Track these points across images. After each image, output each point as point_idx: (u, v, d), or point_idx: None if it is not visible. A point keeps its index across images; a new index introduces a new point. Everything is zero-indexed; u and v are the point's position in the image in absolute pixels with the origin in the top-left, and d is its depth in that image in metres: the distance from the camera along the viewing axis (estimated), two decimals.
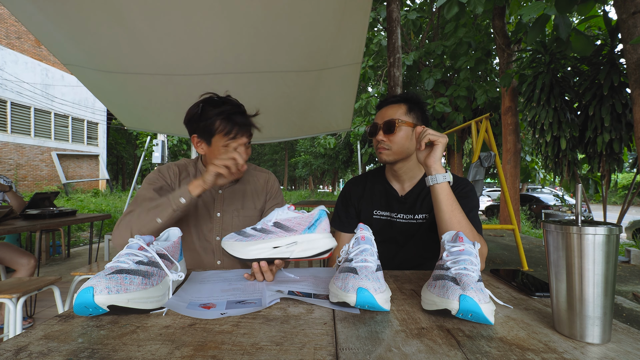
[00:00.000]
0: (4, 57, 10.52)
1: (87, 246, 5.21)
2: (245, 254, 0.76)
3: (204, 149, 1.09)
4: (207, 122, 1.03)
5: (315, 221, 0.77)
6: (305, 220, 0.77)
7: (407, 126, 1.05)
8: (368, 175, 1.23)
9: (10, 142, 10.75)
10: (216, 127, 1.03)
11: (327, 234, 0.77)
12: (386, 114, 1.08)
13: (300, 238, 0.75)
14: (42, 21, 2.09)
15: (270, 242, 0.75)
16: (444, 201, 0.90)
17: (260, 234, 0.78)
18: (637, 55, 3.30)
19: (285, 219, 0.78)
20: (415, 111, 1.07)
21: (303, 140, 21.23)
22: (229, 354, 0.45)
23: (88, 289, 0.54)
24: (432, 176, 0.91)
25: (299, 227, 0.77)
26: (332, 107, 3.44)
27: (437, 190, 0.90)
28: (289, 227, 0.77)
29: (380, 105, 1.13)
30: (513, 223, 3.79)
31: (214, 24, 2.13)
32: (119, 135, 21.10)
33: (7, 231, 1.98)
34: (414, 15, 8.13)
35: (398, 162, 1.10)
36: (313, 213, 0.78)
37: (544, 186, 11.49)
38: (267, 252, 0.75)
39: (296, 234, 0.76)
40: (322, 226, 0.77)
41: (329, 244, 0.76)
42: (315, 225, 0.76)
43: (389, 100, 1.10)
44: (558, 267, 0.52)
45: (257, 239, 0.77)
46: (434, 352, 0.46)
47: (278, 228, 0.77)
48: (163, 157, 7.98)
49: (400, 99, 1.09)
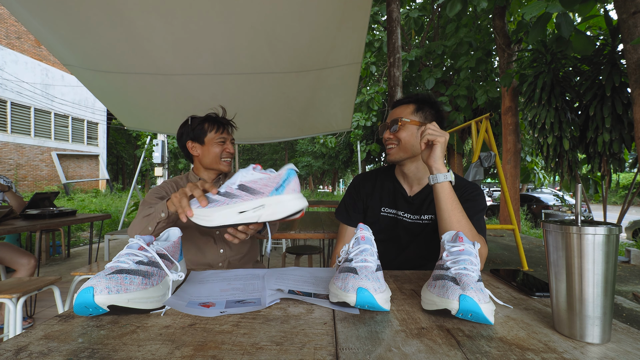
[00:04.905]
0: (4, 57, 10.52)
1: (87, 246, 5.21)
2: (210, 221, 0.70)
3: (199, 150, 1.32)
4: (198, 126, 1.31)
5: (283, 181, 0.71)
6: (273, 181, 0.71)
7: (412, 124, 1.06)
8: (378, 172, 1.24)
9: (10, 142, 10.75)
10: (206, 127, 1.31)
11: (297, 194, 0.72)
12: (394, 113, 1.12)
13: (268, 200, 0.69)
14: (41, 21, 2.09)
15: (236, 207, 0.70)
16: (444, 200, 0.91)
17: (224, 198, 0.72)
18: (637, 55, 3.30)
19: (250, 180, 0.72)
20: (424, 110, 1.08)
21: (303, 140, 21.22)
22: (229, 354, 0.45)
23: (88, 289, 0.54)
24: (432, 175, 0.92)
25: (265, 189, 0.70)
26: (332, 107, 3.45)
27: (437, 189, 0.92)
28: (255, 190, 0.71)
29: (392, 106, 1.17)
30: (513, 223, 3.79)
31: (214, 25, 2.13)
32: (119, 135, 21.09)
33: (7, 231, 1.98)
34: (416, 14, 8.13)
35: (406, 162, 1.10)
36: (281, 173, 0.72)
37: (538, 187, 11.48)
38: (233, 217, 0.69)
39: (263, 197, 0.70)
40: (291, 186, 0.71)
41: (299, 204, 0.71)
42: (283, 186, 0.70)
43: (401, 102, 1.13)
44: (558, 267, 0.52)
45: (221, 204, 0.71)
46: (434, 352, 0.46)
47: (243, 191, 0.71)
48: (163, 157, 7.98)
49: (411, 99, 1.11)
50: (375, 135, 11.83)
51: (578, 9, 3.28)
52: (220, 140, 1.32)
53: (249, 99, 3.11)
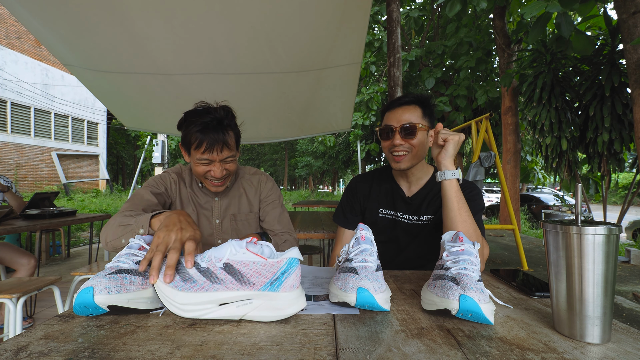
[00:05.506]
0: (4, 57, 10.51)
1: (87, 246, 5.21)
2: (181, 310, 0.55)
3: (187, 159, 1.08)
4: (187, 132, 1.00)
5: (281, 274, 0.56)
6: (268, 270, 0.56)
7: (423, 131, 1.03)
8: (375, 174, 1.23)
9: (10, 142, 10.75)
10: (191, 140, 0.99)
11: (296, 293, 0.57)
12: (402, 117, 1.03)
13: (258, 295, 0.55)
14: (41, 21, 2.09)
15: (216, 295, 0.55)
16: (452, 198, 0.91)
17: (203, 279, 0.56)
18: (637, 55, 3.30)
19: (240, 261, 0.56)
20: (429, 114, 1.06)
21: (303, 140, 21.24)
22: (229, 354, 0.45)
23: (88, 289, 0.54)
24: (440, 172, 0.94)
25: (257, 279, 0.55)
26: (332, 107, 3.45)
27: (445, 187, 0.93)
28: (244, 276, 0.56)
29: (391, 105, 1.08)
30: (513, 223, 3.78)
31: (214, 24, 2.13)
32: (118, 135, 21.09)
33: (7, 231, 1.98)
34: (416, 13, 8.14)
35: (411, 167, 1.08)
36: (280, 260, 0.56)
37: (537, 187, 11.48)
38: (210, 310, 0.55)
39: (252, 289, 0.55)
40: (289, 282, 0.56)
41: (296, 307, 0.56)
42: (280, 280, 0.56)
43: (402, 101, 1.06)
44: (558, 267, 0.52)
45: (198, 289, 0.56)
46: (434, 352, 0.46)
47: (229, 274, 0.56)
48: (163, 158, 7.99)
49: (414, 100, 1.06)
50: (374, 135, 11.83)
51: (578, 9, 3.28)
52: (203, 162, 1.02)
53: (249, 99, 3.11)
